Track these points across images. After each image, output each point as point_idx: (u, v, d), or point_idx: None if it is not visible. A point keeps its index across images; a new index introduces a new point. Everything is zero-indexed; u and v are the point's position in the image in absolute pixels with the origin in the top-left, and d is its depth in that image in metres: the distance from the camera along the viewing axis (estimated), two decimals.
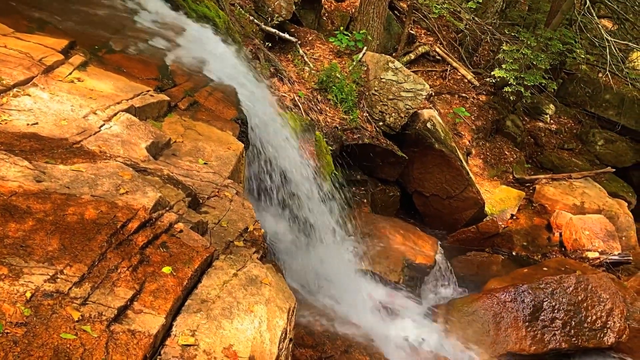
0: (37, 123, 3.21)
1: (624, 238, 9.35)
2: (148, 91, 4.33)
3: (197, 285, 2.61)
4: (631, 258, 8.64)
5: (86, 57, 4.40)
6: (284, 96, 7.05)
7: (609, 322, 6.48)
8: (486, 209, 9.31)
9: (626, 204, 10.35)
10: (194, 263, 2.62)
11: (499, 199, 9.69)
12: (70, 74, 4.01)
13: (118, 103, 3.90)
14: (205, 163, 3.88)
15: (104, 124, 3.55)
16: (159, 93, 4.46)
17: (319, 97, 7.75)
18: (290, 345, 2.88)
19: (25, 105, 3.37)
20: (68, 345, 1.89)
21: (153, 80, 4.69)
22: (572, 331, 6.37)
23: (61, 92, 3.71)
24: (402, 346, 5.77)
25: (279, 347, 2.56)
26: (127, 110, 3.86)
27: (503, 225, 9.24)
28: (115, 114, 3.73)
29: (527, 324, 6.34)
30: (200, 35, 5.96)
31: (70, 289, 2.09)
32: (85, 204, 2.55)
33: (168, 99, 4.45)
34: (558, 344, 6.31)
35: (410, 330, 6.12)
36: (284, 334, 2.66)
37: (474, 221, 8.99)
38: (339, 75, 8.07)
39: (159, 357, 2.13)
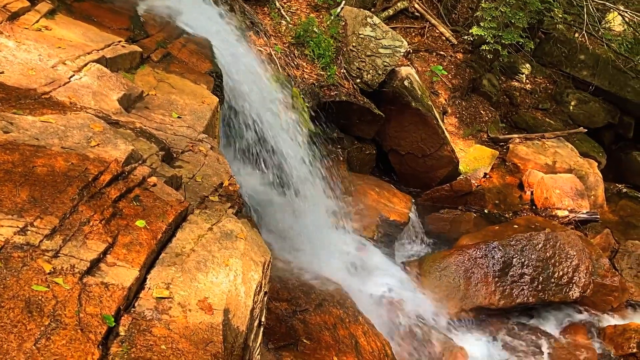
0: (2, 72, 3.10)
1: (592, 197, 9.57)
2: (119, 42, 4.21)
3: (171, 239, 2.60)
4: (598, 216, 8.87)
5: (54, 4, 4.23)
6: (260, 50, 6.90)
7: (575, 278, 6.70)
8: (460, 167, 9.40)
9: (596, 164, 10.54)
10: (168, 217, 2.60)
11: (473, 158, 9.77)
12: (37, 21, 3.87)
13: (88, 53, 3.79)
14: (179, 117, 3.81)
15: (73, 75, 3.45)
16: (130, 44, 4.34)
17: (295, 52, 7.61)
18: (265, 298, 2.91)
19: None
20: (40, 297, 1.87)
21: (125, 30, 4.55)
22: (540, 286, 6.57)
23: (28, 40, 3.57)
24: (374, 300, 5.89)
25: (254, 299, 2.58)
26: (97, 61, 3.75)
27: (476, 184, 9.35)
28: (85, 65, 3.62)
29: (496, 279, 6.52)
30: None
31: (41, 241, 2.06)
32: (55, 156, 2.49)
33: (140, 50, 4.34)
34: (526, 298, 6.52)
35: (383, 284, 6.23)
36: (259, 287, 2.68)
37: (448, 179, 9.08)
38: (316, 30, 7.93)
39: (133, 309, 2.13)
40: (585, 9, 9.57)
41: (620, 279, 7.27)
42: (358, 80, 8.36)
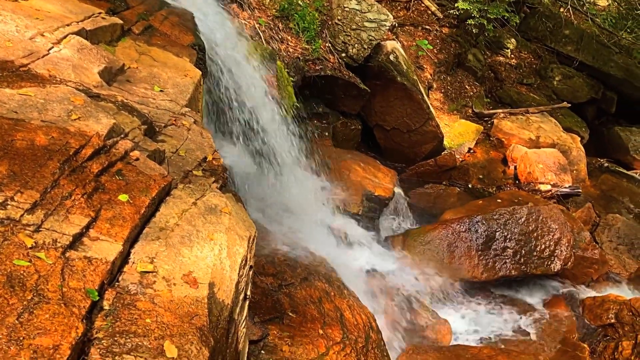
0: None
1: (575, 171, 9.68)
2: (100, 13, 4.12)
3: (155, 214, 2.58)
4: (580, 190, 8.99)
5: None
6: (244, 23, 6.80)
7: (557, 251, 6.80)
8: (445, 142, 9.42)
9: (579, 139, 10.64)
10: (151, 191, 2.58)
11: (457, 133, 9.80)
12: None
13: (67, 25, 3.70)
14: (161, 90, 3.76)
15: (52, 47, 3.37)
16: (111, 16, 4.25)
17: (280, 25, 7.51)
18: (251, 273, 2.91)
19: None
20: (22, 272, 1.85)
21: (104, 1, 4.46)
22: (522, 259, 6.67)
23: (4, 11, 3.48)
24: (359, 274, 5.95)
25: (239, 273, 2.58)
26: (77, 33, 3.67)
27: (460, 159, 9.40)
28: (64, 37, 3.54)
29: (479, 252, 6.60)
30: None
31: (22, 215, 2.03)
32: (35, 130, 2.44)
33: (121, 22, 4.25)
34: (508, 271, 6.62)
35: (368, 258, 6.29)
36: (244, 261, 2.68)
37: (433, 154, 9.11)
38: (300, 3, 7.82)
39: (117, 283, 2.12)
40: None
41: (601, 252, 7.40)
42: (343, 55, 8.29)
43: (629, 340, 5.50)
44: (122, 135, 2.82)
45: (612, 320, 6.11)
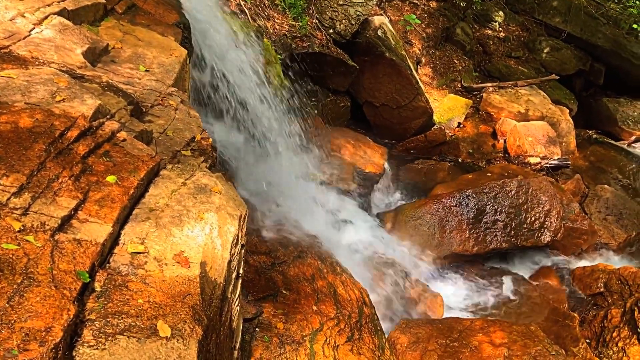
0: None
1: (564, 143, 9.72)
2: None
3: (144, 195, 2.56)
4: (570, 162, 9.04)
5: None
6: (229, 0, 6.71)
7: (546, 223, 6.87)
8: (434, 117, 9.41)
9: (568, 111, 10.65)
10: (139, 172, 2.56)
11: (447, 108, 9.78)
12: None
13: (48, 5, 3.63)
14: (146, 70, 3.71)
15: (34, 28, 3.31)
16: None
17: (266, 1, 7.42)
18: (243, 251, 2.91)
19: None
20: (11, 256, 1.84)
21: None
22: (512, 232, 6.73)
23: None
24: (352, 250, 5.98)
25: (230, 252, 2.58)
26: (59, 13, 3.60)
27: (450, 134, 9.40)
28: (46, 17, 3.47)
29: (470, 226, 6.64)
30: None
31: (8, 199, 2.01)
32: (19, 112, 2.41)
33: (104, 1, 4.17)
34: (499, 244, 6.68)
35: (360, 235, 6.31)
36: (235, 240, 2.68)
37: (423, 130, 9.10)
38: None
39: (108, 265, 2.12)
40: None
41: (590, 223, 7.47)
42: (331, 31, 8.21)
43: (618, 308, 5.59)
44: (108, 116, 2.79)
45: (602, 289, 6.20)
